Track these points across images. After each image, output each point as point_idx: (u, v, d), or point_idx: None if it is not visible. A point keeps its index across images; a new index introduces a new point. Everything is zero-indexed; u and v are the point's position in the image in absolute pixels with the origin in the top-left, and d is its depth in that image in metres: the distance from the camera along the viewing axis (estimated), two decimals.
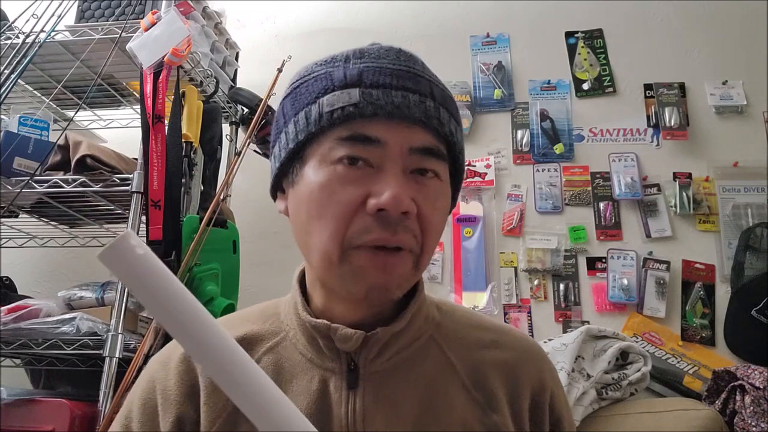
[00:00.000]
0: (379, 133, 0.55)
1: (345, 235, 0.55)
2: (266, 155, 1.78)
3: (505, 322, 1.82)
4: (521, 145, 2.00)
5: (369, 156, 0.55)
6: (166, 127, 1.47)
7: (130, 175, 1.47)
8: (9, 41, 1.58)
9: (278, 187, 0.64)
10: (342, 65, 0.59)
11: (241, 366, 0.44)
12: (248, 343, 0.64)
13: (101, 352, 1.33)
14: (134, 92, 1.85)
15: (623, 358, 1.52)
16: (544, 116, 2.02)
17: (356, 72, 0.57)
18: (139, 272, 0.42)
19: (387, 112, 0.55)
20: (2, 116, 1.61)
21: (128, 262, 0.41)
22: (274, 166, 0.63)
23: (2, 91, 1.44)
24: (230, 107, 1.95)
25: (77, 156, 1.50)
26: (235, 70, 2.01)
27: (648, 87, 2.01)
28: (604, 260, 1.85)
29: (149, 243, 1.41)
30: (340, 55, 0.60)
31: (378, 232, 0.54)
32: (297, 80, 0.62)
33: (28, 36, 1.55)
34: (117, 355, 1.33)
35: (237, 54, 2.04)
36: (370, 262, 0.55)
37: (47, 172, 1.55)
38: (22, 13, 1.56)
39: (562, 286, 1.84)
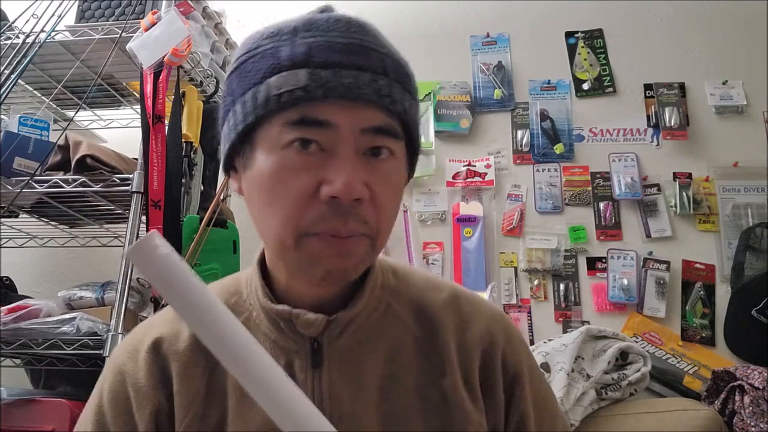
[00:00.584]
0: (330, 116, 0.53)
1: (299, 222, 0.54)
2: None
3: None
4: (521, 145, 2.00)
5: (320, 139, 0.54)
6: (166, 127, 1.47)
7: (130, 175, 1.47)
8: (9, 41, 1.58)
9: (230, 165, 0.62)
10: (289, 40, 0.55)
11: (260, 361, 0.45)
12: None
13: (101, 352, 1.33)
14: (134, 92, 1.85)
15: (623, 359, 1.52)
16: (544, 116, 2.02)
17: (304, 49, 0.54)
18: (162, 270, 0.44)
19: (337, 94, 0.53)
20: (2, 116, 1.61)
21: (152, 260, 0.44)
22: (224, 145, 0.60)
23: (2, 91, 1.44)
24: None
25: (77, 156, 1.50)
26: None
27: (648, 87, 2.01)
28: (604, 260, 1.85)
29: None
30: (287, 26, 0.57)
31: (331, 221, 0.53)
32: (243, 54, 0.58)
33: (28, 36, 1.55)
34: None
35: None
36: (325, 248, 0.54)
37: (47, 172, 1.55)
38: (22, 13, 1.56)
39: (562, 286, 1.84)
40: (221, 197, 1.53)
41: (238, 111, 0.57)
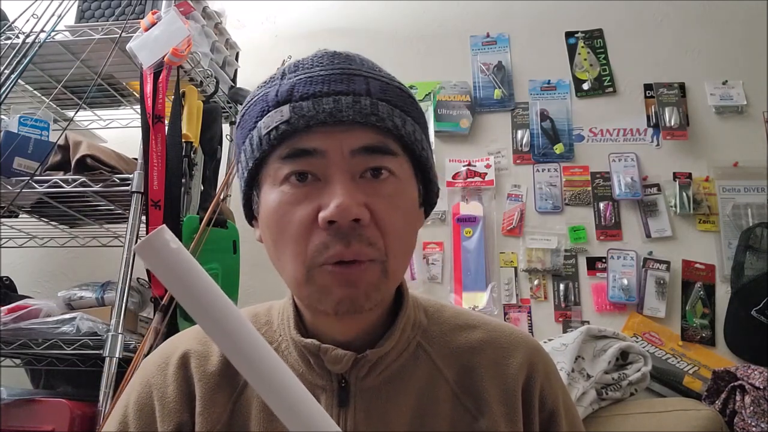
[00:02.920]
0: (316, 143, 0.54)
1: (306, 255, 0.55)
2: None
3: (505, 322, 1.82)
4: (521, 145, 2.00)
5: (312, 168, 0.55)
6: (166, 127, 1.47)
7: (130, 175, 1.47)
8: (9, 41, 1.58)
9: (252, 217, 0.63)
10: (278, 83, 0.58)
11: (269, 361, 0.45)
12: None
13: (101, 352, 1.33)
14: (134, 92, 1.85)
15: (623, 358, 1.52)
16: (544, 116, 2.02)
17: (287, 87, 0.56)
18: (172, 265, 0.43)
19: (319, 121, 0.54)
20: (2, 116, 1.61)
21: (162, 255, 0.43)
22: (241, 197, 0.63)
23: (2, 91, 1.44)
24: (230, 107, 1.95)
25: (77, 156, 1.50)
26: (235, 70, 2.01)
27: (648, 87, 2.01)
28: (604, 260, 1.85)
29: None
30: (278, 72, 0.60)
31: (334, 246, 0.53)
32: (243, 106, 0.61)
33: (28, 36, 1.55)
34: (117, 355, 1.33)
35: (237, 54, 2.04)
36: (332, 279, 0.54)
37: (47, 172, 1.55)
38: (22, 13, 1.56)
39: (562, 286, 1.84)
40: (221, 197, 1.53)
41: (242, 160, 0.59)
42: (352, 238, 0.53)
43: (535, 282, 1.85)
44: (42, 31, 1.55)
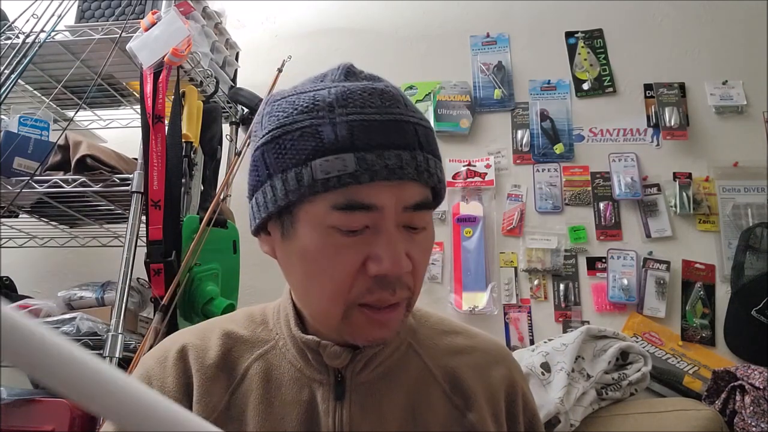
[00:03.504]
0: (376, 199, 0.55)
1: (347, 297, 0.57)
2: None
3: (506, 322, 1.82)
4: (521, 145, 2.00)
5: (367, 222, 0.56)
6: (166, 127, 1.47)
7: (130, 175, 1.47)
8: (9, 41, 1.58)
9: (263, 229, 0.63)
10: (327, 118, 0.55)
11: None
12: (234, 341, 0.67)
13: (101, 352, 1.33)
14: (134, 92, 1.85)
15: (623, 358, 1.52)
16: (544, 116, 2.02)
17: (346, 131, 0.54)
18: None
19: (383, 177, 0.54)
20: (2, 116, 1.61)
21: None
22: (258, 212, 0.60)
23: (2, 91, 1.44)
24: (230, 107, 1.95)
25: (77, 156, 1.50)
26: (235, 70, 2.01)
27: (648, 87, 2.01)
28: (604, 260, 1.85)
29: (149, 243, 1.41)
30: (322, 99, 0.56)
31: (379, 292, 0.56)
32: (277, 128, 0.57)
33: (28, 36, 1.55)
34: (117, 355, 1.33)
35: (237, 54, 2.04)
36: (368, 321, 0.58)
37: (47, 172, 1.55)
38: (22, 13, 1.56)
39: (562, 286, 1.84)
40: (221, 197, 1.53)
41: (278, 187, 0.57)
42: (397, 286, 0.57)
43: (535, 282, 1.85)
44: (42, 31, 1.55)
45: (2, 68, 1.49)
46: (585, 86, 2.04)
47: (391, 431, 0.63)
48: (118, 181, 1.50)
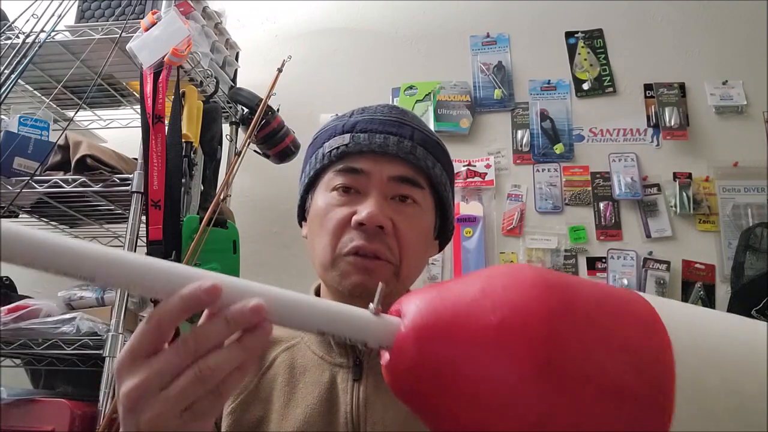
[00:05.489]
0: (363, 165, 0.71)
1: (336, 246, 0.69)
2: (266, 155, 1.78)
3: None
4: (521, 145, 2.00)
5: (357, 184, 0.71)
6: (166, 127, 1.47)
7: (130, 175, 1.47)
8: (9, 41, 1.58)
9: (303, 216, 0.79)
10: (346, 119, 0.75)
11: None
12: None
13: (101, 352, 1.33)
14: (134, 92, 1.85)
15: None
16: (544, 116, 2.02)
17: (352, 123, 0.74)
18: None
19: (370, 150, 0.71)
20: (2, 116, 1.61)
21: None
22: (299, 198, 0.79)
23: (2, 91, 1.44)
24: (230, 107, 1.95)
25: (77, 156, 1.50)
26: (235, 70, 2.00)
27: (648, 87, 2.01)
28: (604, 260, 1.85)
29: (149, 243, 1.41)
30: (350, 111, 0.78)
31: (358, 241, 0.68)
32: (318, 132, 0.79)
33: (28, 36, 1.55)
34: (117, 355, 1.33)
35: (237, 54, 2.04)
36: (353, 266, 0.68)
37: (47, 172, 1.55)
38: (22, 13, 1.56)
39: None
40: (221, 197, 1.53)
41: (307, 169, 0.77)
42: (374, 239, 0.68)
43: None
44: (42, 31, 1.55)
45: (2, 68, 1.49)
46: (585, 86, 2.04)
47: (402, 408, 0.65)
48: (118, 181, 1.50)
